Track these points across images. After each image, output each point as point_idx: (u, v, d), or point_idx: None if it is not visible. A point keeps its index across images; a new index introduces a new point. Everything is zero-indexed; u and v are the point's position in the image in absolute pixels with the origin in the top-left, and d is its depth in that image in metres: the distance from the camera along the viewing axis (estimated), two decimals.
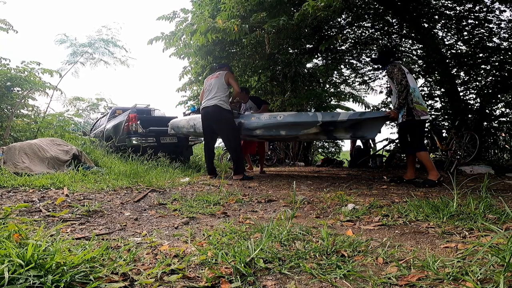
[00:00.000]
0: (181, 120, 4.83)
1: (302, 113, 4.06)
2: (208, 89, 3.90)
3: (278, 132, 3.64)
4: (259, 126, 3.71)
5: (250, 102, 5.04)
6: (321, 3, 2.81)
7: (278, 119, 3.59)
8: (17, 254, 0.79)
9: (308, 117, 3.52)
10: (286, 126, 3.56)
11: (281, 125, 3.57)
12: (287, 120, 3.54)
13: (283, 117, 3.59)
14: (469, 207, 1.55)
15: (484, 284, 0.79)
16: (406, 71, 3.11)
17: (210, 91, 3.83)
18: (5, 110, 4.99)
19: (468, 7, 6.42)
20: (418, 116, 2.98)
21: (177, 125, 4.78)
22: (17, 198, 2.09)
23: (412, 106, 2.99)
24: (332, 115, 3.45)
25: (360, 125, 3.33)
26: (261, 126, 3.69)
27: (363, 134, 3.42)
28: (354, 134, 3.47)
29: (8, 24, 4.99)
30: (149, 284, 0.82)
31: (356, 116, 3.26)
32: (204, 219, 1.70)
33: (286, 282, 0.87)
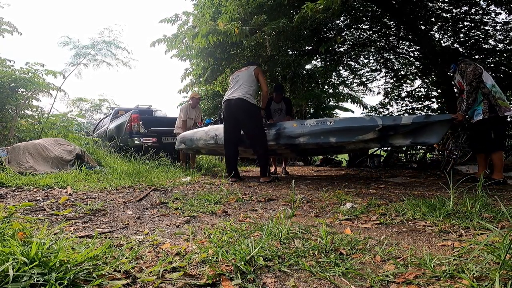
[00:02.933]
0: (196, 132, 4.40)
1: (357, 117, 3.74)
2: (234, 81, 3.59)
3: (327, 139, 3.28)
4: (304, 133, 3.36)
5: (282, 103, 4.71)
6: (320, 6, 2.82)
7: (329, 124, 3.29)
8: (21, 252, 0.80)
9: (365, 121, 3.22)
10: (338, 132, 3.24)
11: (332, 131, 3.25)
12: (340, 125, 3.24)
13: (334, 122, 3.31)
14: (465, 206, 1.56)
15: (480, 282, 0.79)
16: (482, 70, 2.97)
17: (236, 84, 3.52)
18: (9, 110, 5.04)
19: (464, 9, 6.50)
20: (502, 113, 2.87)
21: (190, 138, 4.37)
22: (22, 197, 2.11)
23: (495, 103, 2.88)
24: (393, 119, 3.17)
25: (423, 129, 3.07)
26: (307, 133, 3.35)
27: (425, 140, 3.11)
28: (414, 140, 3.15)
29: (13, 26, 5.04)
30: (151, 282, 0.83)
31: (421, 119, 3.02)
32: (205, 217, 1.71)
33: (285, 280, 0.88)
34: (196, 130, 4.52)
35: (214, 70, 5.56)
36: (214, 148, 4.21)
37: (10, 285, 0.70)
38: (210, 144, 4.02)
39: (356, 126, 3.18)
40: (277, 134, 3.52)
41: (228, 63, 5.64)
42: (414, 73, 8.71)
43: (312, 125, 3.39)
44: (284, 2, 3.78)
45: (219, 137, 3.82)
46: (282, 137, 3.49)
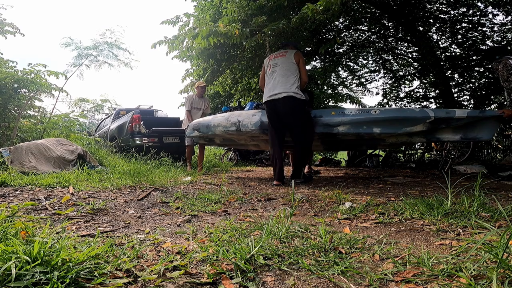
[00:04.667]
0: (213, 118, 3.98)
1: (405, 108, 3.49)
2: (272, 71, 3.14)
3: (371, 129, 3.05)
4: (344, 122, 3.09)
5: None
6: (320, 7, 2.83)
7: (374, 113, 3.03)
8: (24, 251, 0.80)
9: (415, 112, 2.99)
10: (384, 123, 3.02)
11: (378, 121, 3.02)
12: (387, 115, 3.01)
13: (379, 111, 3.05)
14: (463, 205, 1.57)
15: (478, 280, 0.80)
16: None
17: (275, 74, 3.09)
18: (12, 111, 5.07)
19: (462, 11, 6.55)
20: None
21: (207, 125, 3.94)
22: (24, 196, 2.13)
23: None
24: (446, 112, 2.95)
25: (476, 124, 2.93)
26: (348, 122, 3.08)
27: (477, 135, 2.95)
28: (465, 135, 2.98)
29: (15, 28, 5.07)
30: (152, 280, 0.83)
31: (475, 113, 2.87)
32: (206, 217, 1.71)
33: (285, 278, 0.88)
34: (214, 115, 4.14)
35: (215, 71, 5.57)
36: (235, 136, 3.82)
37: (12, 284, 0.70)
38: (231, 131, 3.62)
39: (405, 116, 2.97)
40: (313, 122, 3.22)
41: (228, 64, 5.65)
42: (412, 74, 8.76)
43: (354, 113, 3.11)
44: (284, 4, 3.79)
45: (243, 124, 3.48)
46: (317, 125, 3.20)
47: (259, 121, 3.39)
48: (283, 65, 3.06)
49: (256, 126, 3.40)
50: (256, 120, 3.42)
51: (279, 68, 3.07)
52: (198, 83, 5.21)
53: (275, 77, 3.08)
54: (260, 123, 3.37)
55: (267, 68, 3.23)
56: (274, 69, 3.10)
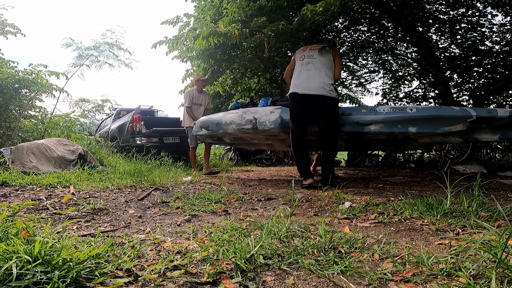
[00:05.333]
0: (224, 115, 3.64)
1: (443, 107, 3.37)
2: (306, 62, 2.92)
3: (406, 128, 2.87)
4: (377, 121, 2.90)
5: None
6: (320, 8, 2.82)
7: (410, 112, 2.86)
8: (24, 251, 0.81)
9: (454, 111, 2.85)
10: (421, 122, 2.85)
11: (414, 119, 2.85)
12: (424, 113, 2.85)
13: (416, 110, 2.88)
14: (462, 205, 1.57)
15: (477, 280, 0.80)
16: None
17: (311, 68, 2.87)
18: (13, 111, 5.08)
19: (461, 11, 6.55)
20: None
21: (216, 122, 3.60)
22: (25, 196, 2.13)
23: None
24: (488, 111, 2.83)
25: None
26: (381, 121, 2.90)
27: None
28: (504, 135, 2.86)
29: (16, 28, 5.08)
30: (152, 280, 0.84)
31: None
32: (206, 216, 1.72)
33: (285, 278, 0.89)
34: (225, 112, 3.79)
35: (215, 71, 5.57)
36: (249, 135, 3.51)
37: (14, 283, 0.71)
38: (245, 130, 3.31)
39: (445, 115, 2.81)
40: (342, 120, 3.00)
41: (228, 64, 5.65)
42: (411, 74, 8.77)
43: (388, 111, 2.93)
44: (283, 4, 3.79)
45: (260, 121, 3.18)
46: (346, 124, 2.99)
47: (279, 119, 3.11)
48: (321, 59, 2.87)
49: (276, 124, 3.11)
50: (275, 118, 3.13)
51: (316, 61, 2.87)
52: (198, 77, 4.83)
53: (310, 69, 2.86)
54: (281, 121, 3.10)
55: (298, 58, 3.01)
56: (310, 61, 2.88)
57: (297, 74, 2.97)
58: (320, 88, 2.80)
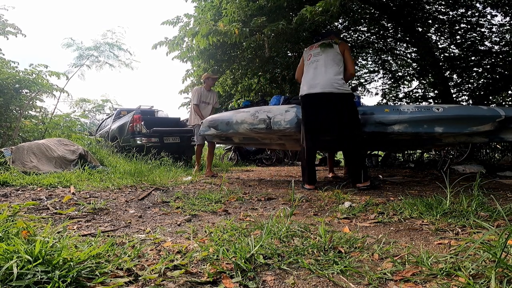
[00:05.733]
0: (235, 113, 3.44)
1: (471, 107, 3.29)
2: (312, 60, 2.81)
3: (432, 128, 2.77)
4: (401, 120, 2.80)
5: None
6: (319, 8, 2.82)
7: (436, 111, 2.76)
8: (25, 250, 0.81)
9: (483, 110, 2.76)
10: (448, 121, 2.76)
11: (441, 119, 2.76)
12: (451, 113, 2.74)
13: (442, 109, 2.77)
14: (461, 205, 1.57)
15: (476, 279, 0.80)
16: None
17: (317, 66, 2.76)
18: (14, 111, 5.09)
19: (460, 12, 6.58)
20: None
21: (226, 121, 3.42)
22: (26, 196, 2.14)
23: None
24: None
25: None
26: (406, 121, 2.79)
27: None
28: None
29: (17, 28, 5.09)
30: (152, 279, 0.84)
31: None
32: (206, 216, 1.72)
33: (285, 277, 0.89)
34: (235, 111, 3.61)
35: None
36: (262, 135, 3.34)
37: (14, 283, 0.71)
38: (258, 130, 3.14)
39: (473, 115, 2.71)
40: (363, 120, 2.87)
41: (228, 64, 5.66)
42: (411, 74, 8.79)
43: (413, 111, 2.82)
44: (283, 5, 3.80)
45: (275, 121, 3.04)
46: (368, 124, 2.87)
47: (295, 118, 2.98)
48: (328, 55, 2.73)
49: (292, 124, 2.97)
50: (291, 117, 3.00)
51: (322, 58, 2.74)
52: (208, 74, 4.66)
53: (316, 66, 2.75)
54: (297, 120, 2.97)
55: (306, 58, 2.90)
56: (316, 59, 2.77)
57: (305, 74, 2.88)
58: (327, 84, 2.65)
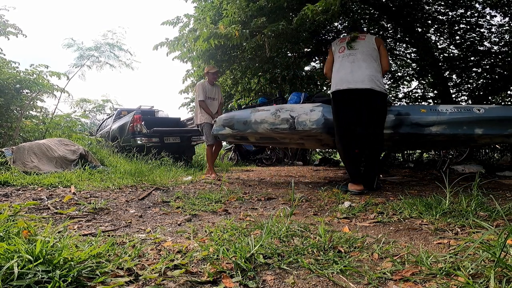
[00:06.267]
0: (253, 112, 3.14)
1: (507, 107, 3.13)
2: (347, 54, 2.59)
3: (472, 130, 2.64)
4: (440, 122, 2.65)
5: None
6: (320, 8, 2.83)
7: (477, 112, 2.62)
8: (26, 250, 0.81)
9: None
10: (489, 123, 2.63)
11: (482, 120, 2.62)
12: (494, 114, 2.62)
13: (484, 110, 2.64)
14: (461, 204, 1.58)
15: (476, 279, 0.80)
16: None
17: (355, 60, 2.53)
18: (14, 111, 5.10)
19: (460, 12, 6.57)
20: None
21: (244, 120, 3.15)
22: (26, 196, 2.14)
23: None
24: None
25: None
26: (444, 122, 2.65)
27: None
28: None
29: (18, 29, 5.10)
30: (153, 279, 0.84)
31: None
32: (206, 216, 1.73)
33: (285, 277, 0.89)
34: (252, 109, 3.28)
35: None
36: (284, 135, 3.07)
37: (15, 282, 0.71)
38: (281, 130, 2.92)
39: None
40: (398, 120, 2.71)
41: (228, 65, 5.67)
42: (410, 75, 8.80)
43: (452, 111, 2.66)
44: (283, 5, 3.80)
45: (299, 121, 2.82)
46: (404, 125, 2.69)
47: (322, 118, 2.76)
48: (364, 49, 2.53)
49: (318, 124, 2.76)
50: (317, 117, 2.79)
51: (359, 52, 2.53)
52: (209, 68, 4.32)
53: (353, 61, 2.52)
54: (324, 121, 2.75)
55: (337, 50, 2.67)
56: (352, 52, 2.56)
57: (338, 68, 2.61)
58: (369, 80, 2.43)
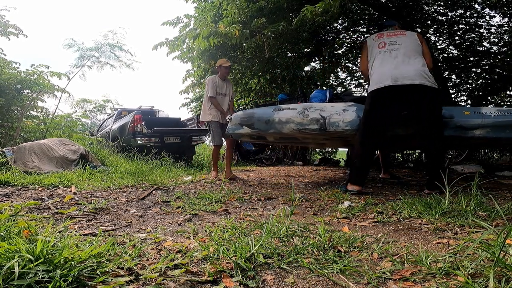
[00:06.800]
0: (276, 110, 2.87)
1: None
2: (388, 49, 2.41)
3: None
4: (485, 125, 2.52)
5: None
6: (319, 9, 2.84)
7: None
8: (27, 250, 0.81)
9: None
10: None
11: None
12: None
13: None
14: (460, 204, 1.58)
15: (475, 279, 0.80)
16: None
17: (397, 55, 2.35)
18: (15, 111, 5.11)
19: (459, 12, 6.59)
20: None
21: (266, 119, 2.88)
22: (27, 196, 2.14)
23: None
24: None
25: None
26: (489, 125, 2.52)
27: None
28: None
29: (18, 29, 5.12)
30: (153, 278, 0.84)
31: None
32: (206, 216, 1.73)
33: (285, 277, 0.89)
34: (275, 107, 2.97)
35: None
36: (311, 135, 2.85)
37: (16, 282, 0.71)
38: (309, 131, 2.69)
39: None
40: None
41: None
42: None
43: (497, 114, 2.54)
44: (283, 6, 3.81)
45: (331, 121, 2.61)
46: (448, 128, 2.56)
47: (357, 119, 2.58)
48: (408, 44, 2.38)
49: (353, 126, 2.58)
50: (352, 118, 2.60)
51: (403, 47, 2.37)
52: (222, 61, 3.88)
53: (396, 56, 2.35)
54: (359, 122, 2.58)
55: (375, 46, 2.49)
56: (394, 47, 2.39)
57: (379, 64, 2.42)
58: (419, 75, 2.25)
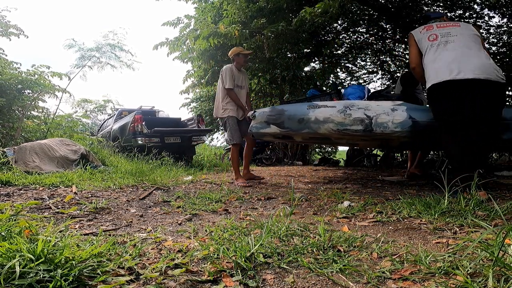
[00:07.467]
0: (312, 108, 2.60)
1: None
2: (441, 41, 2.13)
3: None
4: None
5: None
6: (319, 10, 2.84)
7: None
8: (27, 249, 0.82)
9: None
10: None
11: None
12: None
13: None
14: (459, 204, 1.57)
15: (474, 278, 0.81)
16: None
17: (455, 48, 2.07)
18: (16, 111, 5.12)
19: (458, 13, 6.60)
20: None
21: (299, 118, 2.61)
22: (28, 195, 2.15)
23: None
24: None
25: None
26: None
27: None
28: None
29: (19, 29, 5.13)
30: (153, 278, 0.85)
31: None
32: (206, 215, 1.73)
33: (284, 276, 0.90)
34: (309, 105, 2.66)
35: (215, 72, 5.61)
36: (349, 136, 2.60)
37: (17, 281, 0.72)
38: (352, 131, 2.44)
39: None
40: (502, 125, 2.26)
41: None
42: None
43: None
44: (283, 6, 3.82)
45: (378, 122, 2.37)
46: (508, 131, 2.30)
47: (409, 120, 2.33)
48: (465, 34, 2.12)
49: (403, 127, 2.32)
50: (402, 118, 2.34)
51: (458, 39, 2.10)
52: (240, 49, 3.43)
53: (454, 48, 2.08)
54: (412, 123, 2.32)
55: (425, 38, 2.21)
56: (448, 39, 2.12)
57: (435, 58, 2.13)
58: (484, 69, 1.97)
